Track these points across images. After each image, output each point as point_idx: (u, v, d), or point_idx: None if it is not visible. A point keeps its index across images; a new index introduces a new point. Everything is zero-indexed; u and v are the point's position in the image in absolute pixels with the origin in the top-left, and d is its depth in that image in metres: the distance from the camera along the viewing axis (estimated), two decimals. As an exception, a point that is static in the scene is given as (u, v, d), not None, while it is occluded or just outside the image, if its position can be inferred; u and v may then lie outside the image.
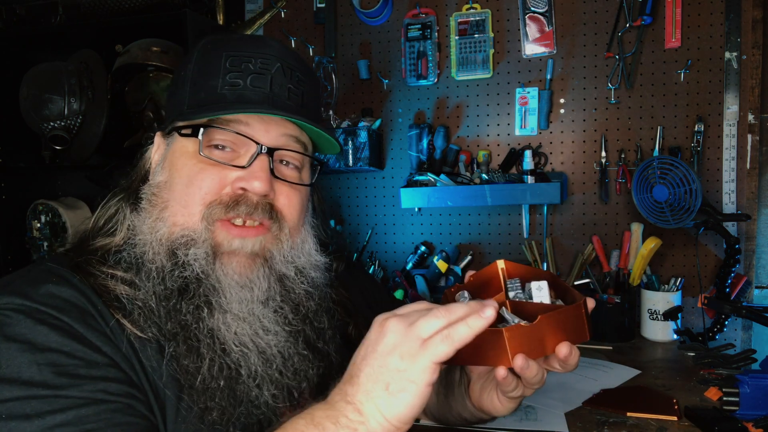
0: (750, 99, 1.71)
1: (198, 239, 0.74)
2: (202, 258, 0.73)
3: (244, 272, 0.75)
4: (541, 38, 1.86)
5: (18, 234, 2.09)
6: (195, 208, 0.74)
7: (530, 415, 1.10)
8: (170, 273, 0.73)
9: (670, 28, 1.75)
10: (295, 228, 0.81)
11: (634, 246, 1.75)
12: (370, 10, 1.94)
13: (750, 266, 1.73)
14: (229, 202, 0.74)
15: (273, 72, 0.77)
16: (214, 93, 0.76)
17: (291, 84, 0.79)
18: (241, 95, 0.75)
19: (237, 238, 0.74)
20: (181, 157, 0.78)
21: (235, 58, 0.77)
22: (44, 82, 1.89)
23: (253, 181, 0.74)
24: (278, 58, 0.78)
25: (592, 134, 1.86)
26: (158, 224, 0.76)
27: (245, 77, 0.76)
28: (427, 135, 1.94)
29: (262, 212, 0.75)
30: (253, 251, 0.76)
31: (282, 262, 0.79)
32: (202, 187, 0.75)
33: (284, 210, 0.79)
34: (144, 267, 0.74)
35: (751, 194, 1.73)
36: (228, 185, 0.75)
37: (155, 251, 0.74)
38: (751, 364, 1.35)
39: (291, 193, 0.80)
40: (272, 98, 0.76)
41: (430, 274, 1.93)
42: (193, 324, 0.71)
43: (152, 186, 0.80)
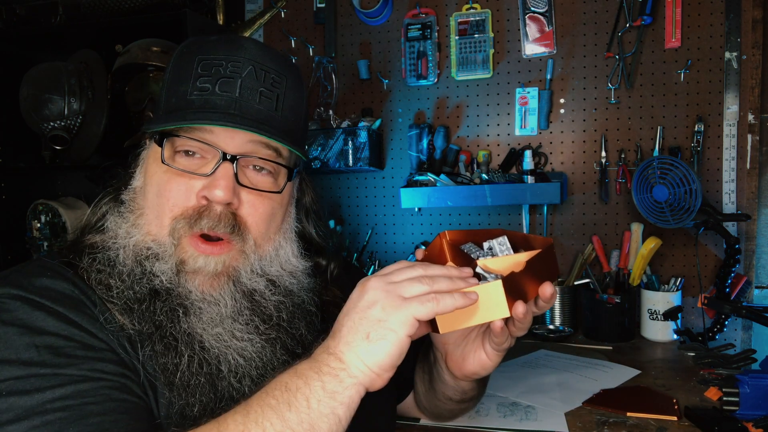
0: (750, 99, 1.71)
1: (164, 255, 0.74)
2: (168, 273, 0.74)
3: (208, 290, 0.76)
4: (541, 38, 1.86)
5: (18, 234, 2.09)
6: (165, 220, 0.75)
7: (530, 415, 1.10)
8: (139, 280, 0.73)
9: (670, 28, 1.75)
10: (262, 237, 0.80)
11: (634, 246, 1.75)
12: (370, 10, 1.94)
13: (750, 266, 1.73)
14: (193, 216, 0.74)
15: (243, 75, 0.76)
16: (184, 99, 0.76)
17: (264, 87, 0.77)
18: (208, 101, 0.75)
19: (201, 256, 0.74)
20: (152, 164, 0.79)
21: (207, 62, 0.76)
22: (44, 82, 1.89)
23: (214, 190, 0.73)
24: (251, 61, 0.77)
25: (592, 134, 1.86)
26: (133, 230, 0.77)
27: (214, 82, 0.75)
28: (427, 135, 1.94)
29: (224, 226, 0.74)
30: (216, 271, 0.75)
31: (249, 277, 0.78)
32: (169, 198, 0.75)
33: (248, 219, 0.77)
34: (116, 269, 0.75)
35: (751, 194, 1.73)
36: (193, 195, 0.75)
37: (125, 255, 0.75)
38: (751, 364, 1.35)
39: (257, 201, 0.78)
40: (239, 103, 0.75)
41: (430, 274, 1.92)
42: (168, 324, 0.72)
43: (130, 190, 0.81)
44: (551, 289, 0.73)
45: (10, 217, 2.09)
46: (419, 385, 1.02)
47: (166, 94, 0.79)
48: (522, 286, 0.70)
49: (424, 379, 0.99)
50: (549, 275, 0.74)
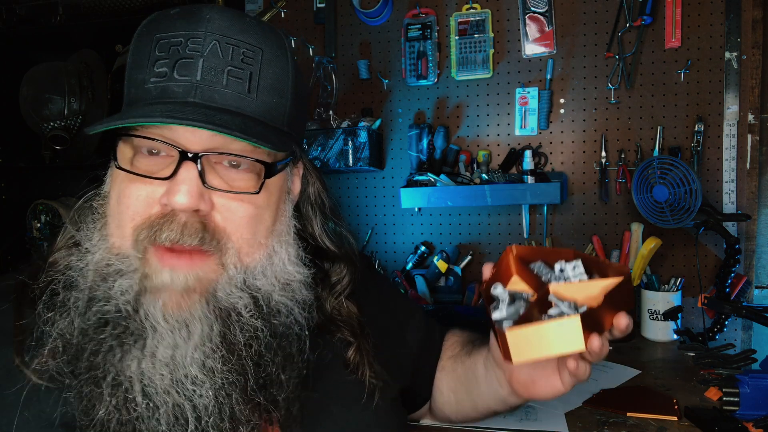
0: (750, 99, 1.71)
1: (127, 269, 0.64)
2: (130, 292, 0.63)
3: (175, 312, 0.63)
4: (541, 38, 1.86)
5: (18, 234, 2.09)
6: (126, 230, 0.65)
7: (530, 415, 1.10)
8: (92, 305, 0.63)
9: (670, 28, 1.75)
10: (248, 244, 0.67)
11: (634, 246, 1.75)
12: (370, 10, 1.94)
13: (750, 266, 1.73)
14: (156, 226, 0.63)
15: (205, 53, 0.64)
16: (141, 88, 0.65)
17: (232, 65, 0.64)
18: (165, 89, 0.64)
19: (166, 270, 0.62)
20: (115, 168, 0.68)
21: (164, 42, 0.65)
22: (44, 82, 1.89)
23: (175, 196, 0.62)
24: (214, 35, 0.64)
25: (592, 134, 1.86)
26: (98, 244, 0.67)
27: (172, 65, 0.63)
28: (427, 135, 1.94)
29: (191, 236, 0.62)
30: (186, 286, 0.63)
31: (228, 292, 0.66)
32: (129, 206, 0.65)
33: (226, 225, 0.65)
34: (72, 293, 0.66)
35: (751, 194, 1.73)
36: (155, 202, 0.64)
37: (85, 276, 0.66)
38: (751, 364, 1.35)
39: (233, 205, 0.65)
40: (201, 89, 0.63)
41: (430, 274, 1.93)
42: (100, 367, 0.62)
43: (100, 196, 0.71)
44: (626, 321, 0.67)
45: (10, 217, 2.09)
46: (448, 396, 0.96)
47: (127, 84, 0.68)
48: (598, 318, 0.68)
49: (458, 390, 0.94)
50: (625, 304, 0.71)
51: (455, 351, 0.97)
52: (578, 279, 0.72)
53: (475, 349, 0.92)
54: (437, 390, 0.97)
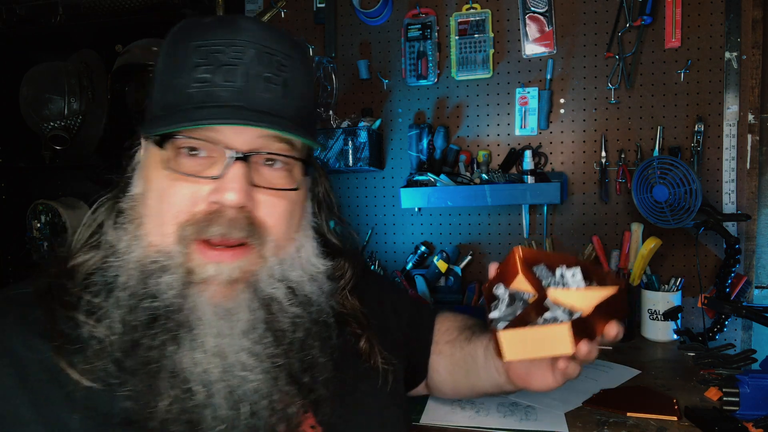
0: (750, 99, 1.71)
1: (171, 264, 0.66)
2: (176, 287, 0.66)
3: (222, 302, 0.67)
4: (541, 38, 1.86)
5: (18, 234, 2.09)
6: (169, 227, 0.67)
7: (530, 415, 1.10)
8: (139, 302, 0.66)
9: (670, 28, 1.75)
10: (283, 238, 0.72)
11: (634, 246, 1.75)
12: (370, 10, 1.94)
13: (750, 266, 1.73)
14: (203, 222, 0.66)
15: (247, 61, 0.67)
16: (182, 93, 0.67)
17: (270, 72, 0.68)
18: (210, 94, 0.66)
19: (211, 263, 0.66)
20: (153, 168, 0.70)
21: (205, 49, 0.68)
22: (44, 82, 1.89)
23: (226, 193, 0.66)
24: (253, 44, 0.68)
25: (592, 134, 1.86)
26: (133, 244, 0.69)
27: (215, 71, 0.67)
28: (427, 135, 1.94)
29: (240, 230, 0.67)
30: (231, 278, 0.67)
31: (269, 282, 0.70)
32: (173, 203, 0.67)
33: (267, 221, 0.70)
34: (114, 293, 0.68)
35: (751, 194, 1.73)
36: (201, 201, 0.67)
37: (129, 275, 0.68)
38: (751, 364, 1.35)
39: (275, 201, 0.70)
40: (244, 93, 0.67)
41: (430, 274, 1.93)
42: (156, 361, 0.64)
43: (129, 198, 0.73)
44: (616, 330, 0.73)
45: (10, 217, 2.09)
46: (445, 377, 1.02)
47: (160, 89, 0.70)
48: (590, 324, 0.72)
49: (456, 373, 1.00)
50: (617, 314, 0.75)
51: (452, 336, 1.02)
52: (576, 286, 0.77)
53: (474, 336, 0.98)
54: (434, 370, 1.03)
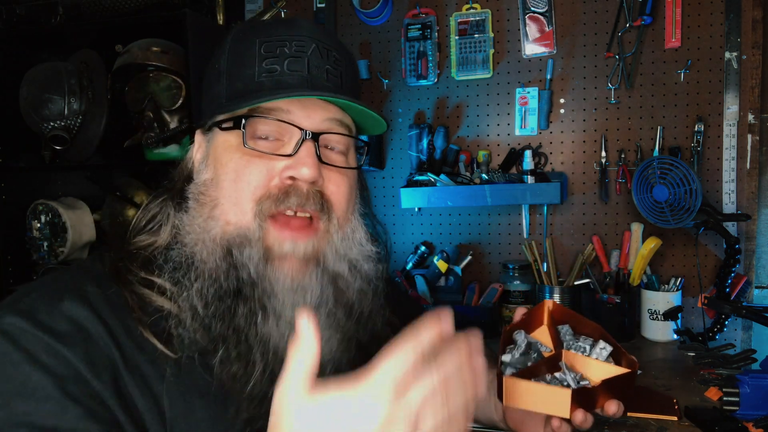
0: (750, 99, 1.71)
1: (252, 238, 0.70)
2: (257, 260, 0.70)
3: (297, 277, 0.71)
4: (541, 38, 1.86)
5: (18, 234, 2.09)
6: (246, 205, 0.71)
7: (530, 415, 1.10)
8: (225, 273, 0.69)
9: (670, 28, 1.75)
10: (344, 217, 0.76)
11: (634, 246, 1.75)
12: (370, 10, 1.94)
13: (750, 266, 1.73)
14: (279, 195, 0.71)
15: (309, 54, 0.74)
16: (252, 82, 0.73)
17: (329, 65, 0.75)
18: (280, 81, 0.72)
19: (288, 241, 0.70)
20: (225, 152, 0.74)
21: (269, 43, 0.74)
22: (44, 82, 1.89)
23: (301, 168, 0.70)
24: (313, 39, 0.75)
25: (592, 134, 1.86)
26: (210, 223, 0.72)
27: (281, 62, 0.73)
28: (427, 135, 1.94)
29: (314, 203, 0.71)
30: (306, 255, 0.71)
31: (335, 260, 0.74)
32: (251, 181, 0.71)
33: (333, 198, 0.74)
34: (194, 267, 0.71)
35: (751, 194, 1.73)
36: (276, 176, 0.71)
37: (209, 251, 0.71)
38: (751, 364, 1.35)
39: (339, 179, 0.76)
40: (311, 81, 0.73)
41: (430, 274, 1.93)
42: (246, 328, 0.68)
43: (198, 185, 0.76)
44: (615, 409, 0.73)
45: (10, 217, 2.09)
46: None
47: (227, 81, 0.75)
48: (592, 396, 0.74)
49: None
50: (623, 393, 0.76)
51: None
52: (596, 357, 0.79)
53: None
54: None
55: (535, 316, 0.90)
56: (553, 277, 1.78)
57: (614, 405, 0.74)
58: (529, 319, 0.89)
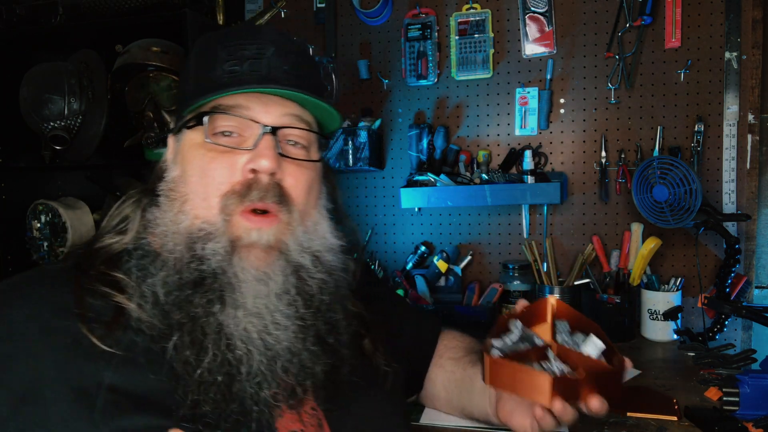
0: (750, 99, 1.71)
1: (217, 233, 0.74)
2: (221, 253, 0.73)
3: (261, 266, 0.74)
4: (541, 38, 1.86)
5: (18, 234, 2.09)
6: (213, 200, 0.75)
7: (530, 415, 1.10)
8: (187, 265, 0.73)
9: (670, 28, 1.75)
10: (304, 210, 0.80)
11: (634, 246, 1.75)
12: (370, 10, 1.94)
13: (750, 266, 1.73)
14: (242, 190, 0.75)
15: (269, 55, 0.78)
16: (214, 83, 0.77)
17: (287, 66, 0.79)
18: (240, 81, 0.76)
19: (254, 230, 0.74)
20: (191, 150, 0.79)
21: (231, 47, 0.78)
22: (44, 82, 1.88)
23: (261, 160, 0.74)
24: (272, 43, 0.79)
25: (592, 134, 1.86)
26: (180, 217, 0.76)
27: (242, 63, 0.77)
28: (427, 135, 1.94)
29: (273, 196, 0.75)
30: (269, 243, 0.75)
31: (297, 251, 0.77)
32: (215, 176, 0.76)
33: (292, 191, 0.78)
34: (161, 257, 0.75)
35: (751, 194, 1.73)
36: (238, 170, 0.75)
37: (176, 242, 0.75)
38: (751, 364, 1.36)
39: (298, 172, 0.79)
40: (269, 78, 0.77)
41: (430, 274, 1.93)
42: (202, 317, 0.71)
43: (168, 182, 0.81)
44: (597, 405, 0.73)
45: (10, 217, 2.09)
46: (440, 391, 1.05)
47: (193, 84, 0.80)
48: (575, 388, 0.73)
49: (451, 390, 1.03)
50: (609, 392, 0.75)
51: (457, 354, 1.05)
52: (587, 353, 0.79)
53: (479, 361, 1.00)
54: (431, 382, 1.06)
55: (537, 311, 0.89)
56: (553, 277, 1.78)
57: (597, 401, 0.73)
58: (530, 312, 0.88)
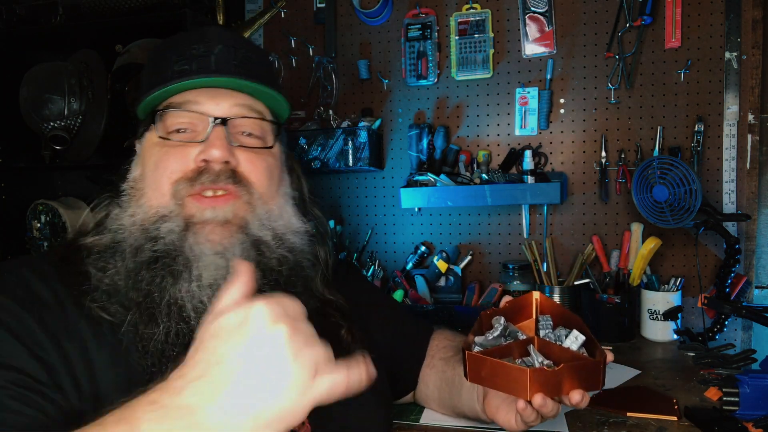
0: (750, 99, 1.71)
1: (170, 215, 0.76)
2: (175, 231, 0.75)
3: (218, 239, 0.75)
4: (541, 38, 1.86)
5: (18, 234, 2.09)
6: (165, 187, 0.77)
7: (530, 415, 1.10)
8: (141, 248, 0.75)
9: (670, 28, 1.75)
10: (266, 193, 0.81)
11: (634, 246, 1.75)
12: (370, 10, 1.94)
13: (750, 266, 1.73)
14: (193, 176, 0.77)
15: (216, 53, 0.80)
16: (165, 82, 0.79)
17: (236, 60, 0.81)
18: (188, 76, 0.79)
19: (208, 209, 0.76)
20: (149, 149, 0.82)
21: (180, 50, 0.81)
22: (44, 82, 1.88)
23: (211, 150, 0.76)
24: (220, 41, 0.81)
25: (592, 134, 1.86)
26: (137, 210, 0.79)
27: (191, 62, 0.79)
28: (427, 135, 1.94)
29: (225, 179, 0.77)
30: (226, 218, 0.76)
31: (258, 227, 0.79)
32: (167, 167, 0.78)
33: (250, 176, 0.80)
34: (119, 249, 0.77)
35: (751, 194, 1.73)
36: (191, 161, 0.78)
37: (131, 232, 0.77)
38: (751, 364, 1.35)
39: (254, 159, 0.81)
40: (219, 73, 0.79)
41: (430, 274, 1.93)
42: (155, 293, 0.73)
43: (129, 181, 0.84)
44: (578, 398, 0.74)
45: (10, 217, 2.09)
46: (432, 391, 1.07)
47: (145, 88, 0.83)
48: (555, 382, 0.74)
49: (443, 390, 1.04)
50: (590, 384, 0.75)
51: (448, 354, 1.06)
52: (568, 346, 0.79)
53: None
54: (423, 383, 1.08)
55: (521, 306, 0.90)
56: (553, 277, 1.78)
57: (577, 394, 0.74)
58: (514, 307, 0.89)
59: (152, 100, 0.82)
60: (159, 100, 0.81)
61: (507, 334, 0.85)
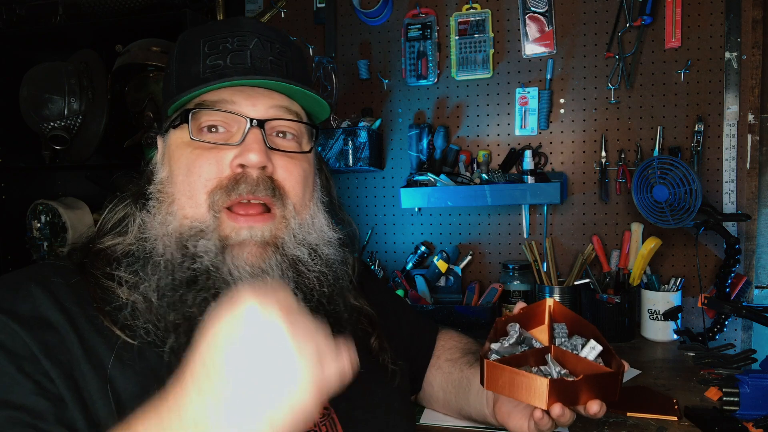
0: (750, 99, 1.71)
1: (207, 230, 0.72)
2: (213, 251, 0.71)
3: (256, 262, 0.72)
4: (541, 38, 1.86)
5: (18, 234, 2.09)
6: (200, 197, 0.73)
7: (530, 415, 1.10)
8: (180, 265, 0.71)
9: (670, 28, 1.75)
10: (300, 203, 0.78)
11: (634, 246, 1.75)
12: (370, 10, 1.94)
13: (750, 266, 1.73)
14: (229, 185, 0.72)
15: (251, 47, 0.76)
16: (197, 78, 0.75)
17: (272, 56, 0.77)
18: (223, 75, 0.74)
19: (244, 228, 0.72)
20: (177, 149, 0.77)
21: (213, 42, 0.76)
22: (44, 82, 1.89)
23: (248, 154, 0.72)
24: (254, 34, 0.77)
25: (592, 134, 1.86)
26: (168, 218, 0.74)
27: (224, 57, 0.75)
28: (427, 135, 1.94)
29: (264, 189, 0.73)
30: (263, 240, 0.73)
31: (293, 245, 0.76)
32: (201, 174, 0.73)
33: (285, 183, 0.76)
34: (151, 260, 0.73)
35: (751, 194, 1.73)
36: (226, 167, 0.73)
37: (165, 244, 0.73)
38: (751, 364, 1.35)
39: (290, 165, 0.77)
40: (254, 70, 0.75)
41: (430, 274, 1.93)
42: (198, 316, 0.68)
43: (156, 184, 0.78)
44: (597, 408, 0.73)
45: (10, 217, 2.09)
46: (438, 392, 1.06)
47: (176, 81, 0.78)
48: (573, 392, 0.74)
49: (449, 391, 1.03)
50: (607, 395, 0.75)
51: (454, 355, 1.06)
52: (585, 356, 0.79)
53: (476, 362, 1.01)
54: (429, 384, 1.07)
55: (534, 313, 0.90)
56: (553, 277, 1.78)
57: (596, 405, 0.73)
58: (528, 314, 0.89)
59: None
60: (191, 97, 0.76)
61: (522, 341, 0.85)
